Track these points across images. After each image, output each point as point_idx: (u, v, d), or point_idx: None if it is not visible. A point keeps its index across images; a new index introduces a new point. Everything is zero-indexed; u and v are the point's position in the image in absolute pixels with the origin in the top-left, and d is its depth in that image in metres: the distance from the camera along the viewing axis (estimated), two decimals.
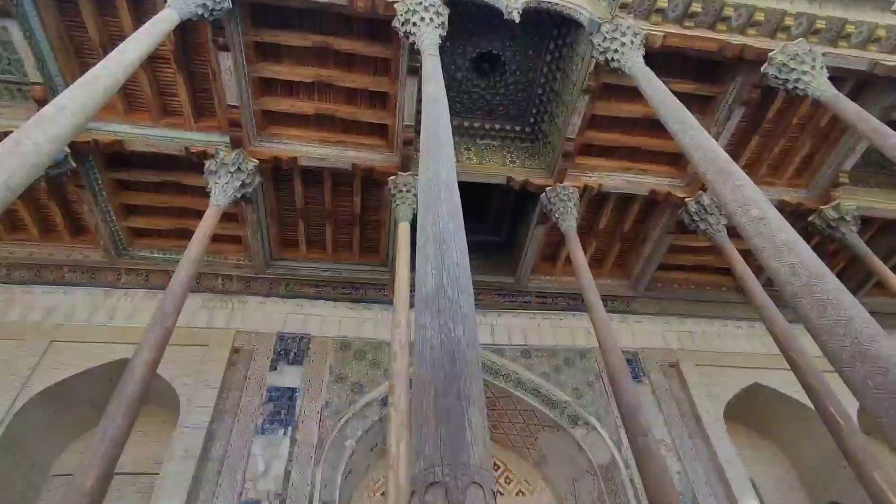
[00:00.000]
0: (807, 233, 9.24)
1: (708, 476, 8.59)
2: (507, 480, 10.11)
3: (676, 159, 8.96)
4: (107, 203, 8.47)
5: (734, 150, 8.62)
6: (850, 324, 2.86)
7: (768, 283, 7.88)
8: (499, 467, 10.25)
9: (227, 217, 8.16)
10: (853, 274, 10.57)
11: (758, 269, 7.61)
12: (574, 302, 10.44)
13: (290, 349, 9.11)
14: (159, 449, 8.54)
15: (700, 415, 9.24)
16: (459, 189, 3.52)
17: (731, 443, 9.00)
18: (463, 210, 3.39)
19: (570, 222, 8.47)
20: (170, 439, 7.69)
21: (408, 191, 8.22)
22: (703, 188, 8.60)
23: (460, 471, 1.93)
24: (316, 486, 7.51)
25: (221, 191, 7.62)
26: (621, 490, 8.40)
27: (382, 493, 9.39)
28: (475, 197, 9.72)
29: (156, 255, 9.36)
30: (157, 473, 8.08)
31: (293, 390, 8.55)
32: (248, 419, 8.08)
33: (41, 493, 8.07)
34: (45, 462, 8.24)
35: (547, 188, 8.70)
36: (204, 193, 7.90)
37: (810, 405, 6.57)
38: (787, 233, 3.40)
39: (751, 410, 10.07)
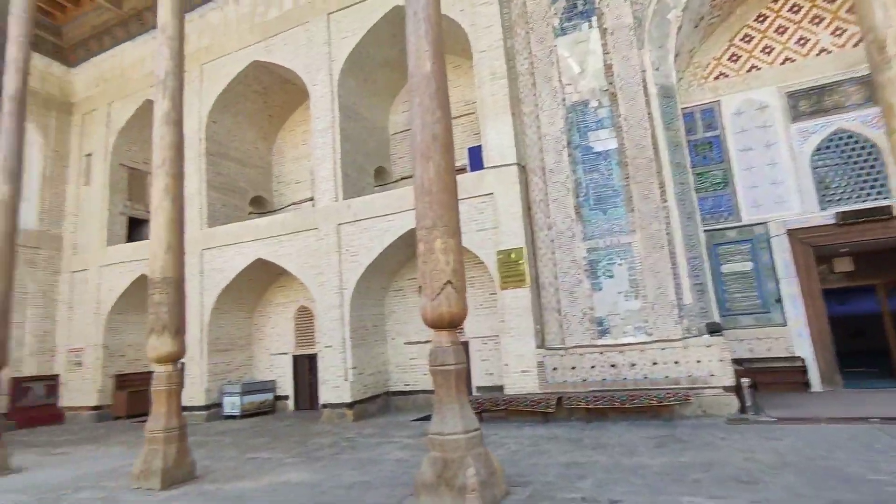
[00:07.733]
0: None
1: None
2: None
3: None
4: None
5: None
6: None
7: None
8: None
9: None
10: None
11: None
12: None
13: None
14: (465, 91, 8.49)
15: None
16: None
17: None
18: None
19: None
20: (471, 65, 7.27)
21: None
22: None
23: None
24: (647, 69, 6.27)
25: None
26: None
27: (716, 77, 7.70)
28: None
29: None
30: (473, 113, 8.19)
31: None
32: (542, 25, 6.90)
33: (390, 147, 9.27)
34: (382, 121, 9.18)
35: None
36: None
37: None
38: None
39: None
